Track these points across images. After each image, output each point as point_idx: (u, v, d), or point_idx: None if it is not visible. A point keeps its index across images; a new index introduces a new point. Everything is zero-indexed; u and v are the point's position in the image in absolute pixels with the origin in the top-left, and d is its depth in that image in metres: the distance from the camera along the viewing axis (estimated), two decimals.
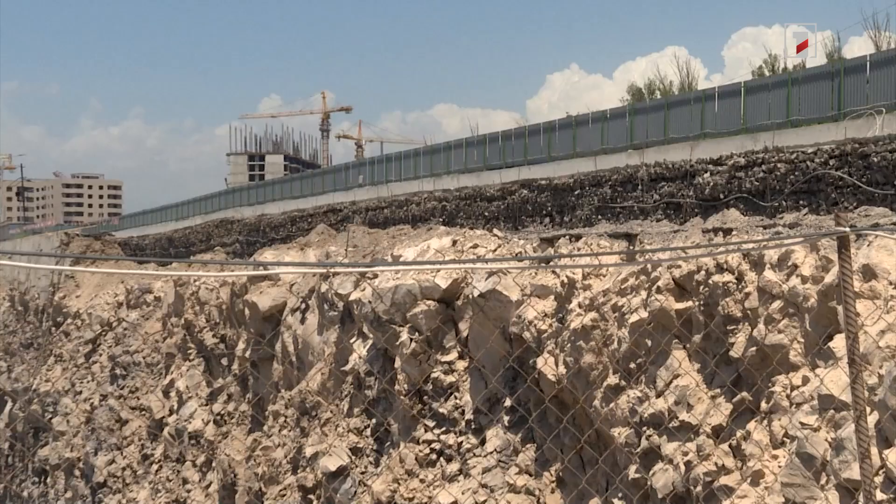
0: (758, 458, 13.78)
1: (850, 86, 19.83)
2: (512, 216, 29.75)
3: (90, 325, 47.59)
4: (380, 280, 24.69)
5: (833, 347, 12.60)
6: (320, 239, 36.64)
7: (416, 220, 34.32)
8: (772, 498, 12.66)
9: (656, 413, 16.49)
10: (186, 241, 57.38)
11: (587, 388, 18.27)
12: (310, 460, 26.52)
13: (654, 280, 16.94)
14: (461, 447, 22.27)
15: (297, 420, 28.22)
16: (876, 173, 17.40)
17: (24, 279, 62.25)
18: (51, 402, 48.22)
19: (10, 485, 54.33)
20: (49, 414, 48.13)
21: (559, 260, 20.90)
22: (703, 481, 15.02)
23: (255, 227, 49.32)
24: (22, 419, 52.96)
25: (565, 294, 19.71)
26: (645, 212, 23.92)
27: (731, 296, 15.33)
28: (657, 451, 16.39)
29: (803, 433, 12.08)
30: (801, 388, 13.19)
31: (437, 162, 38.19)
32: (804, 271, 13.80)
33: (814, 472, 11.82)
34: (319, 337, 27.81)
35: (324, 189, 47.30)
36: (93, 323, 47.46)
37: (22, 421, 52.98)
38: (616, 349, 17.68)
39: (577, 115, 31.08)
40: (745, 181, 20.85)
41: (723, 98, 24.34)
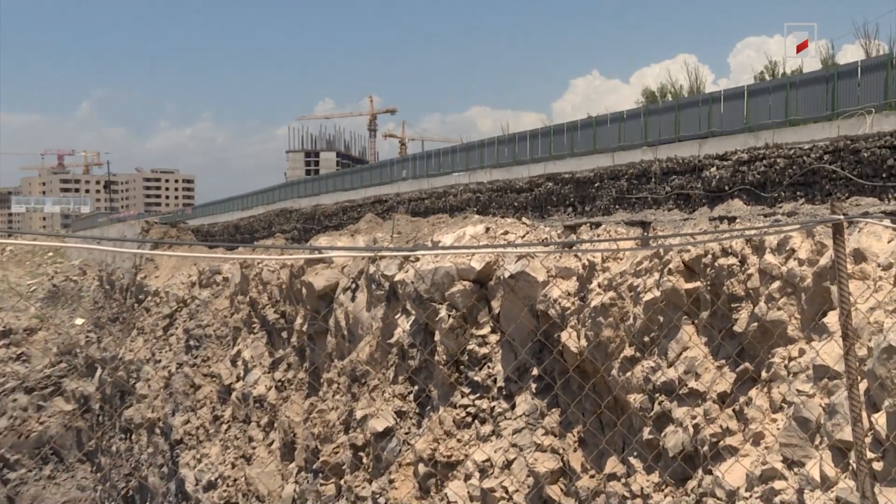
0: (759, 421, 13.76)
1: (842, 89, 19.63)
2: (539, 206, 29.67)
3: (167, 302, 48.19)
4: (421, 263, 24.76)
5: (826, 323, 12.55)
6: (368, 226, 36.76)
7: (453, 210, 34.32)
8: (771, 457, 12.65)
9: (667, 381, 16.49)
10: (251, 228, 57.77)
11: (606, 359, 18.30)
12: (360, 422, 26.68)
13: (666, 263, 16.92)
14: (493, 411, 22.36)
15: (348, 386, 28.38)
16: (866, 167, 17.26)
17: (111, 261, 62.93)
18: (134, 369, 48.90)
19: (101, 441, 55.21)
20: (133, 379, 48.82)
21: (581, 245, 20.91)
22: (709, 442, 15.03)
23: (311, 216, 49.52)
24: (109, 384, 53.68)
25: (586, 275, 19.73)
26: (658, 202, 23.77)
27: (735, 277, 15.27)
28: (668, 415, 16.41)
29: (800, 399, 12.05)
30: (797, 359, 13.15)
31: (471, 158, 38.12)
32: (801, 255, 13.73)
33: (809, 434, 11.80)
34: (368, 313, 27.95)
35: (371, 182, 47.36)
36: (169, 300, 48.01)
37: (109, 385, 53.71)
38: (631, 324, 17.70)
39: (597, 115, 30.85)
40: (747, 174, 20.68)
41: (728, 100, 24.12)
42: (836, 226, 5.80)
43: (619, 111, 29.61)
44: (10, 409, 59.96)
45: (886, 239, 12.05)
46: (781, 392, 13.24)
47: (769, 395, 13.73)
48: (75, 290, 68.01)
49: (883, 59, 19.44)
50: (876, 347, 10.06)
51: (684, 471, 15.77)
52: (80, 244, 5.05)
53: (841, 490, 10.35)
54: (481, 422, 22.69)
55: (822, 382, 11.79)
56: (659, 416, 16.66)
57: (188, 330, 43.74)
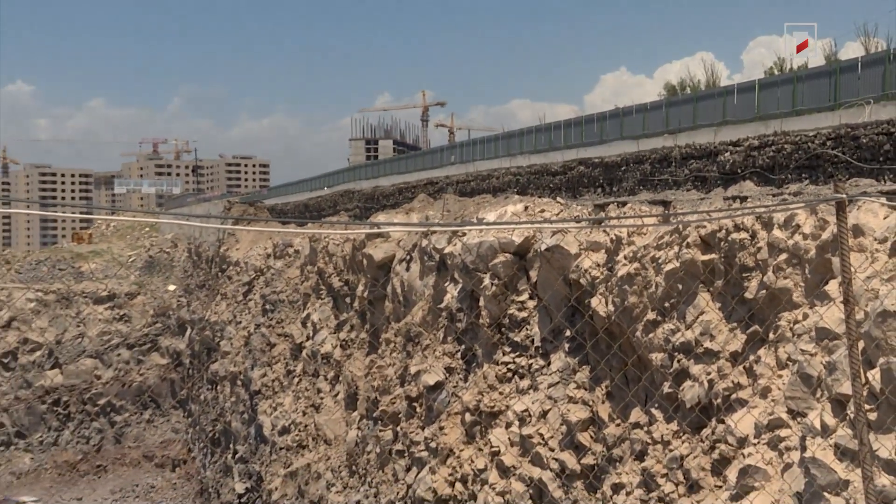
0: (766, 377, 13.71)
1: (844, 82, 19.29)
2: (571, 187, 29.53)
3: (246, 271, 48.66)
4: (468, 237, 24.81)
5: (827, 290, 12.46)
6: (421, 205, 36.83)
7: (496, 191, 34.27)
8: (777, 408, 12.62)
9: (685, 342, 16.44)
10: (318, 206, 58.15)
11: (631, 322, 18.27)
12: (413, 376, 26.89)
13: (685, 237, 16.83)
14: (531, 367, 22.42)
15: (403, 345, 28.59)
16: (865, 152, 17.00)
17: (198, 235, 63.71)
18: (218, 329, 49.58)
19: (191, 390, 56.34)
20: (217, 338, 49.52)
21: (609, 221, 20.85)
22: (722, 395, 15.00)
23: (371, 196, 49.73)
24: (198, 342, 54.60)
25: (613, 248, 19.66)
26: (677, 183, 23.56)
27: (746, 250, 15.16)
28: (686, 371, 16.38)
29: (803, 357, 11.99)
30: (801, 322, 13.07)
31: (512, 144, 37.97)
32: (805, 230, 13.60)
33: (811, 388, 11.75)
34: (420, 281, 28.08)
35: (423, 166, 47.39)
36: (248, 269, 48.49)
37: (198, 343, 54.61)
38: (654, 292, 17.64)
39: (624, 107, 30.56)
40: (758, 159, 20.42)
41: (741, 93, 23.78)
42: (839, 204, 5.78)
43: (644, 103, 29.32)
44: (115, 363, 61.39)
45: (882, 216, 11.91)
46: (787, 351, 13.17)
47: (776, 354, 13.66)
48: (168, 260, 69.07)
49: (881, 55, 19.13)
50: (872, 312, 10.00)
51: (700, 420, 15.77)
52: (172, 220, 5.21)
53: (839, 437, 10.32)
54: (520, 377, 22.77)
55: (823, 343, 11.71)
56: (678, 372, 16.64)
57: (264, 295, 44.16)
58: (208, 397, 50.85)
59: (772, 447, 12.49)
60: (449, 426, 24.48)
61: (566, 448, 20.06)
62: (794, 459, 11.57)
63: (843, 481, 10.01)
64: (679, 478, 16.07)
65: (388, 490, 27.49)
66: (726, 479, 13.89)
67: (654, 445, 17.15)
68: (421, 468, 25.17)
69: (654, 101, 29.45)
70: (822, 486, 10.25)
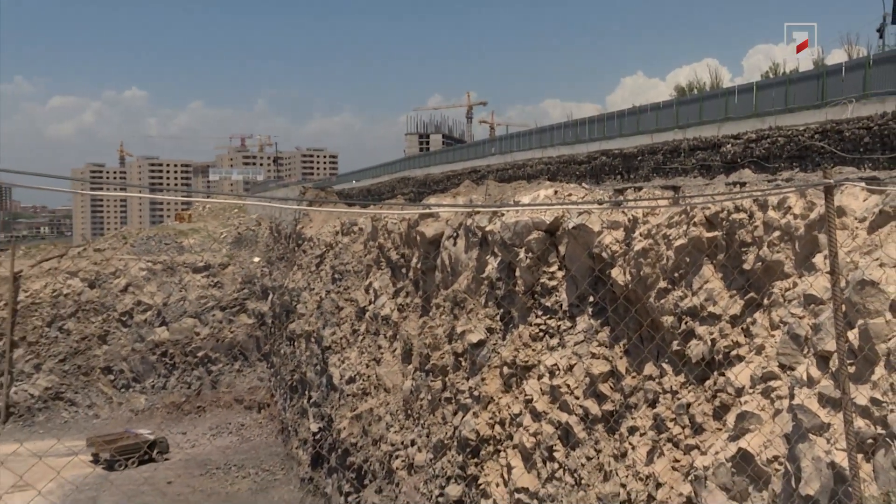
0: (761, 336, 13.65)
1: (830, 84, 18.94)
2: (595, 174, 29.40)
3: (318, 246, 48.96)
4: (506, 217, 24.85)
5: (814, 262, 12.35)
6: (466, 190, 36.82)
7: (530, 177, 34.22)
8: (770, 363, 12.59)
9: (692, 306, 16.41)
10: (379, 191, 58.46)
11: (645, 290, 18.27)
12: (459, 335, 27.03)
13: (692, 217, 16.72)
14: (560, 328, 22.47)
15: (451, 309, 28.68)
16: (847, 144, 16.73)
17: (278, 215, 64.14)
18: (295, 294, 50.05)
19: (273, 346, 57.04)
20: (294, 302, 49.96)
21: (626, 203, 20.74)
22: (723, 352, 14.98)
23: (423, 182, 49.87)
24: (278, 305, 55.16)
25: (631, 226, 19.62)
26: (686, 171, 23.34)
27: (745, 228, 15.04)
28: (692, 331, 16.36)
29: (793, 320, 11.92)
30: (791, 289, 12.98)
31: (544, 138, 37.80)
32: (795, 211, 13.45)
33: (799, 346, 11.69)
34: (465, 255, 28.13)
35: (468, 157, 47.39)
36: (320, 244, 48.76)
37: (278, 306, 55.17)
38: (665, 264, 17.60)
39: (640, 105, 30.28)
40: (755, 150, 20.17)
41: (741, 93, 23.44)
42: (827, 188, 5.79)
43: (657, 102, 29.04)
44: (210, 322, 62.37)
45: (862, 199, 11.75)
46: (779, 315, 13.10)
47: (769, 317, 13.59)
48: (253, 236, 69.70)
49: (862, 60, 18.86)
50: (852, 281, 9.92)
51: (704, 373, 15.78)
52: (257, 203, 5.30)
53: (822, 388, 10.27)
54: (550, 336, 22.85)
55: (810, 307, 11.63)
56: (685, 332, 16.63)
57: (333, 266, 44.44)
58: (287, 352, 51.32)
59: (765, 396, 12.49)
60: (489, 377, 24.63)
61: (589, 396, 20.23)
62: (784, 406, 11.55)
63: (826, 424, 9.99)
64: (685, 422, 16.14)
65: (437, 431, 27.68)
66: (726, 422, 13.93)
67: (665, 394, 17.22)
68: (465, 413, 25.40)
69: (666, 101, 29.13)
70: (808, 428, 10.24)
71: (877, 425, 8.87)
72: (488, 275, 25.99)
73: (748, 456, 12.02)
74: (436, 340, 29.18)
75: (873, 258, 10.23)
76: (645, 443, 17.53)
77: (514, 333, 24.07)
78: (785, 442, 11.16)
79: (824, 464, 9.70)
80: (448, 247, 29.81)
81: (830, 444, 9.75)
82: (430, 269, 31.79)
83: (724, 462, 12.63)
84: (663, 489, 16.12)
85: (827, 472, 9.61)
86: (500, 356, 24.21)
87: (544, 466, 21.29)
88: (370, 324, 37.30)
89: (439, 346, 28.75)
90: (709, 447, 14.30)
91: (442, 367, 28.08)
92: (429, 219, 31.72)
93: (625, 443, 18.42)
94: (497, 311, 25.51)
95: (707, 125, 23.62)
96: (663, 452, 16.67)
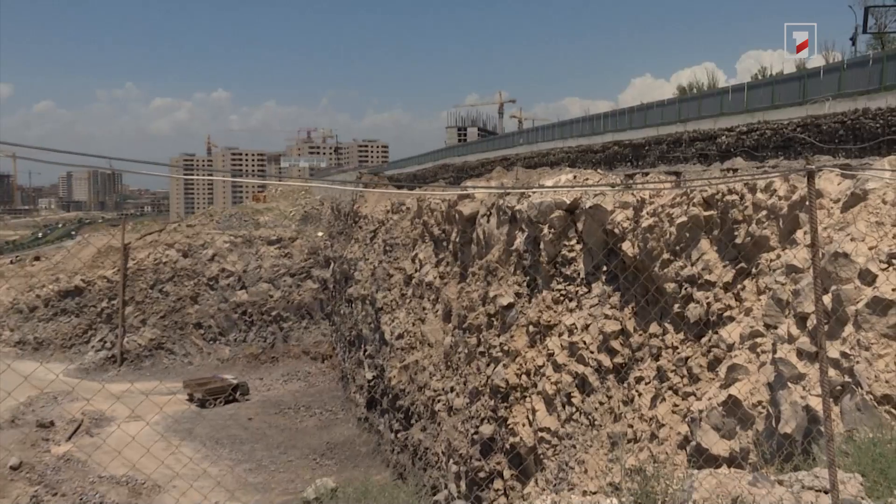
0: (749, 300, 13.66)
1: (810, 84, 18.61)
2: (608, 162, 29.22)
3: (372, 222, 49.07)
4: (532, 197, 24.80)
5: (795, 237, 12.29)
6: (498, 175, 36.76)
7: (552, 164, 34.11)
8: (756, 323, 12.59)
9: (692, 275, 16.40)
10: (423, 176, 58.62)
11: (651, 261, 18.25)
12: (492, 299, 27.08)
13: (692, 198, 16.65)
14: (577, 293, 22.48)
15: (484, 276, 28.69)
16: (824, 136, 16.51)
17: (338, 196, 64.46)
18: (352, 263, 50.56)
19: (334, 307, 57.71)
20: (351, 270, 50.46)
21: (635, 186, 20.65)
22: (716, 314, 14.99)
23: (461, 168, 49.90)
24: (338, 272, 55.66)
25: (639, 206, 19.54)
26: (686, 159, 23.15)
27: (736, 207, 14.96)
28: (691, 296, 16.37)
29: (776, 286, 11.93)
30: (776, 260, 12.92)
31: (564, 130, 37.56)
32: (780, 193, 13.35)
33: (782, 308, 11.70)
34: (497, 230, 28.14)
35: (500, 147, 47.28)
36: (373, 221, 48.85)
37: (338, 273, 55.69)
38: (668, 238, 17.56)
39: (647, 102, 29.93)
40: (746, 140, 19.94)
41: (734, 92, 23.13)
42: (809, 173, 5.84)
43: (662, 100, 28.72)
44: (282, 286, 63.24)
45: (837, 183, 11.60)
46: (765, 282, 13.07)
47: (757, 283, 13.56)
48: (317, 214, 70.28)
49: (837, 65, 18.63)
50: (827, 253, 9.90)
51: (701, 331, 15.81)
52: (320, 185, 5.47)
53: (801, 343, 10.33)
54: (569, 300, 22.89)
55: (791, 276, 11.60)
56: (685, 297, 16.65)
57: (385, 240, 44.53)
58: (345, 312, 51.84)
59: (751, 351, 12.54)
60: (517, 335, 24.75)
61: (602, 351, 20.31)
62: (768, 359, 11.62)
63: (802, 374, 10.07)
64: (684, 373, 16.21)
65: (473, 379, 27.88)
66: (718, 373, 13.98)
67: (666, 349, 17.30)
68: (496, 364, 25.56)
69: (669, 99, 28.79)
70: (787, 377, 10.33)
71: (845, 374, 8.96)
72: (516, 247, 26.01)
73: (737, 401, 12.11)
74: (471, 303, 29.27)
75: (846, 234, 10.19)
76: (649, 390, 17.65)
77: (539, 297, 24.14)
78: (768, 389, 11.25)
79: (800, 407, 9.80)
80: (482, 223, 29.83)
81: (806, 391, 9.84)
82: (467, 243, 31.86)
83: (716, 406, 12.73)
84: (664, 429, 16.26)
85: (802, 414, 9.72)
86: (527, 316, 24.32)
87: (563, 410, 21.51)
88: (416, 289, 37.46)
89: (474, 308, 28.86)
90: (703, 394, 14.39)
91: (477, 325, 28.20)
92: (466, 199, 31.71)
93: (632, 390, 18.56)
94: (524, 278, 25.56)
95: (705, 119, 23.38)
96: (664, 398, 16.79)
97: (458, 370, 30.18)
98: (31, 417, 43.93)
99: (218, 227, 67.38)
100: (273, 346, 61.20)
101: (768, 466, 9.05)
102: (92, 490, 35.78)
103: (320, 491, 18.93)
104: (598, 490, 19.02)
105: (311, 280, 63.68)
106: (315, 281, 63.56)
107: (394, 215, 45.12)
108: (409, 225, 41.51)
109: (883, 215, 9.91)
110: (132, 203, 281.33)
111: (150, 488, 35.67)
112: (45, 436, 41.66)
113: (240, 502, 32.07)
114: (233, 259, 63.30)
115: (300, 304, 62.71)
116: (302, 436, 44.47)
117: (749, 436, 11.62)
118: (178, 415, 46.82)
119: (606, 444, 18.98)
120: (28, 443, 40.58)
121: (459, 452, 28.00)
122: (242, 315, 61.73)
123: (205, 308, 61.52)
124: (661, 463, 16.20)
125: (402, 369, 36.64)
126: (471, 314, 29.01)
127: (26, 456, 38.72)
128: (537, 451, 22.37)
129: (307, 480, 31.40)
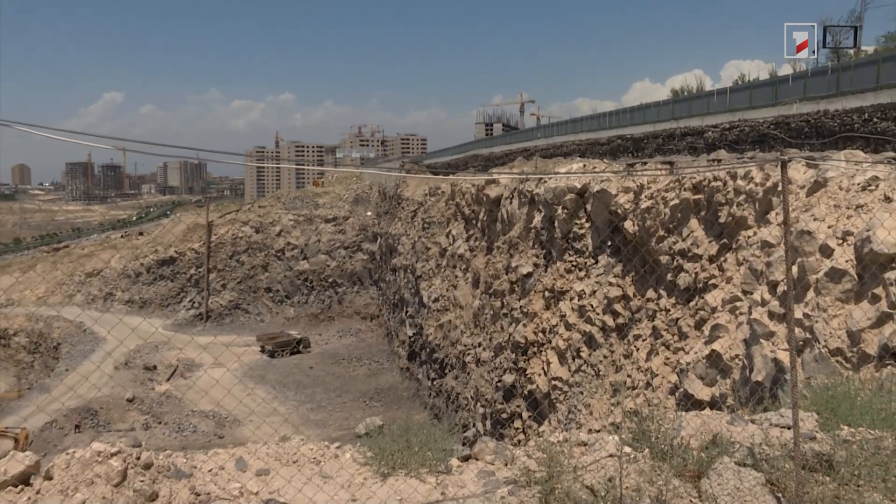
0: (730, 271, 13.71)
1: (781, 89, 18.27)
2: (613, 153, 28.97)
3: (412, 203, 48.55)
4: (548, 183, 24.76)
5: (769, 217, 12.28)
6: (519, 164, 36.58)
7: (565, 155, 33.90)
8: (736, 289, 12.67)
9: (683, 249, 16.41)
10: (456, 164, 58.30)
11: (649, 237, 18.25)
12: (514, 268, 27.15)
13: (683, 184, 16.60)
14: (586, 264, 22.48)
15: (507, 249, 28.66)
16: (793, 132, 16.30)
17: (384, 181, 64.30)
18: (396, 238, 50.68)
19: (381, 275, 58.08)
20: (395, 244, 50.66)
21: (636, 173, 20.56)
22: (703, 282, 15.05)
23: (488, 158, 49.76)
24: (384, 246, 55.66)
25: (638, 190, 19.47)
26: (678, 151, 22.89)
27: (721, 192, 14.90)
28: (681, 266, 16.39)
29: (753, 259, 11.98)
30: (752, 237, 12.96)
31: (576, 126, 37.18)
32: (756, 180, 13.30)
33: (756, 277, 11.78)
34: (518, 210, 28.06)
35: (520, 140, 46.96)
36: (414, 202, 48.49)
37: (384, 246, 55.76)
38: (663, 218, 17.53)
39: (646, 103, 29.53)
40: (728, 136, 19.69)
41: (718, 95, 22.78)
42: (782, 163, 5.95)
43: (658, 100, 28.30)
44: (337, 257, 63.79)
45: (803, 171, 11.54)
46: (744, 255, 13.10)
47: (737, 256, 13.59)
48: (367, 196, 70.39)
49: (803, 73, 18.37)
50: (795, 231, 9.97)
51: (689, 296, 15.88)
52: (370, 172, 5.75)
53: (772, 306, 10.46)
54: (579, 270, 22.89)
55: (765, 250, 11.65)
56: (677, 267, 16.67)
57: (423, 218, 44.24)
58: (390, 279, 52.09)
59: (731, 313, 12.65)
60: (535, 299, 24.86)
61: (606, 313, 20.41)
62: (744, 320, 11.74)
63: (772, 332, 10.22)
64: (675, 331, 16.35)
65: (497, 336, 28.07)
66: (703, 332, 14.13)
67: (661, 311, 17.39)
68: (517, 324, 25.74)
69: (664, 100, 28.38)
70: (759, 335, 10.48)
71: (806, 332, 9.12)
72: (535, 225, 25.99)
73: (718, 355, 12.30)
74: (496, 272, 29.30)
75: (810, 214, 10.21)
76: (645, 346, 17.82)
77: (553, 267, 24.20)
78: (744, 345, 11.42)
79: (770, 360, 9.99)
80: (506, 205, 29.78)
81: (775, 346, 10.00)
82: (493, 221, 31.75)
83: (701, 359, 12.93)
84: (657, 378, 16.47)
85: (771, 365, 9.91)
86: (543, 283, 24.44)
87: (573, 362, 21.74)
88: (449, 260, 37.52)
89: (499, 276, 28.91)
90: (690, 349, 14.56)
91: (501, 290, 28.31)
92: (492, 184, 31.61)
93: (631, 346, 18.73)
94: (541, 251, 25.57)
95: (694, 118, 23.12)
96: (658, 352, 16.96)
97: (484, 328, 30.36)
98: (139, 361, 46.04)
99: (284, 207, 68.23)
100: (330, 307, 61.89)
101: (743, 408, 9.28)
102: (186, 421, 37.77)
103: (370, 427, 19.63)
104: (601, 429, 19.41)
105: (362, 252, 63.95)
106: (365, 253, 63.82)
107: (431, 198, 44.80)
108: (444, 206, 41.28)
109: (840, 199, 9.92)
110: (214, 188, 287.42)
111: (232, 422, 37.38)
112: (150, 377, 43.80)
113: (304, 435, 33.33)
114: (296, 234, 63.98)
115: (352, 272, 63.24)
116: (354, 382, 45.40)
117: (727, 383, 11.83)
118: (253, 363, 48.33)
119: (609, 391, 19.21)
120: (138, 381, 42.74)
121: (486, 397, 28.39)
122: (304, 281, 62.41)
123: (273, 275, 62.47)
124: (654, 406, 16.43)
125: (437, 328, 36.97)
126: (496, 281, 29.05)
127: (137, 391, 40.94)
128: (551, 397, 22.70)
129: (358, 418, 32.34)
